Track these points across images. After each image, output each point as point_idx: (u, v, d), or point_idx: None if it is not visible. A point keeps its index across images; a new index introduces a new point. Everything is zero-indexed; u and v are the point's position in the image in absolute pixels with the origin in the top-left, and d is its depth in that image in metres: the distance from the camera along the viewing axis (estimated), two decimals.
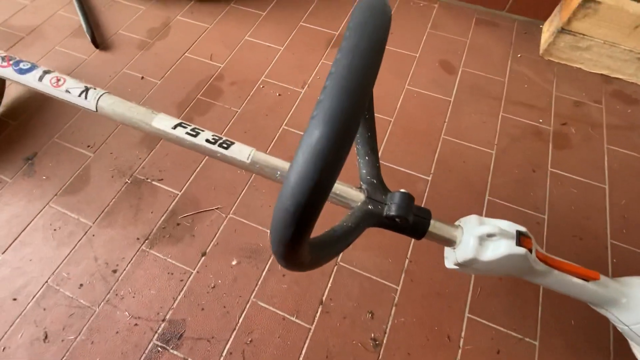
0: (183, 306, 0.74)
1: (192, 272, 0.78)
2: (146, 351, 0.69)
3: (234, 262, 0.79)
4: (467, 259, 0.49)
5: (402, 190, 0.51)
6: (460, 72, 1.13)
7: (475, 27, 1.25)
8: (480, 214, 0.83)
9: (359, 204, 0.51)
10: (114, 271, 0.77)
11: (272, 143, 0.96)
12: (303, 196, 0.26)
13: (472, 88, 1.09)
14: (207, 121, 1.01)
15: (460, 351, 0.70)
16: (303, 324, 0.72)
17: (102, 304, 0.73)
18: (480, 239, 0.49)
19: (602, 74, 1.13)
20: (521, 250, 0.46)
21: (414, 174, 0.92)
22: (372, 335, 0.71)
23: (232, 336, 0.71)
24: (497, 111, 1.04)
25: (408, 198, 0.50)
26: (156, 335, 0.71)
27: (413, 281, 0.77)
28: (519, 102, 1.06)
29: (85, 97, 0.61)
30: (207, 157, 0.94)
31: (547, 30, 1.18)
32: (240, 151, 0.55)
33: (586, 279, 0.52)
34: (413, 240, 0.82)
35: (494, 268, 0.50)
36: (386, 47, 1.19)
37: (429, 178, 0.92)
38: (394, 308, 0.74)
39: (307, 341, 0.71)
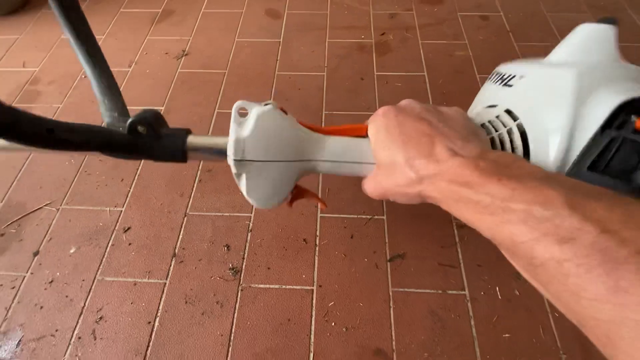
0: (19, 312, 0.66)
1: (25, 276, 0.70)
2: None
3: (72, 250, 0.72)
4: (233, 144, 0.47)
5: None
6: (286, 16, 1.17)
7: None
8: None
9: None
10: None
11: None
12: None
13: (299, 26, 1.14)
14: None
15: (317, 248, 0.72)
16: (157, 281, 0.68)
17: None
18: (238, 123, 0.48)
19: None
20: (266, 107, 0.47)
21: None
22: (230, 265, 0.70)
23: (80, 321, 0.65)
24: (323, 39, 1.10)
25: (150, 111, 0.49)
26: None
27: None
28: (341, 27, 1.13)
29: None
30: (28, 160, 0.86)
31: None
32: None
33: (363, 135, 0.53)
34: None
35: (265, 147, 0.48)
36: (210, 10, 1.21)
37: None
38: (249, 234, 0.74)
39: (164, 296, 0.67)
